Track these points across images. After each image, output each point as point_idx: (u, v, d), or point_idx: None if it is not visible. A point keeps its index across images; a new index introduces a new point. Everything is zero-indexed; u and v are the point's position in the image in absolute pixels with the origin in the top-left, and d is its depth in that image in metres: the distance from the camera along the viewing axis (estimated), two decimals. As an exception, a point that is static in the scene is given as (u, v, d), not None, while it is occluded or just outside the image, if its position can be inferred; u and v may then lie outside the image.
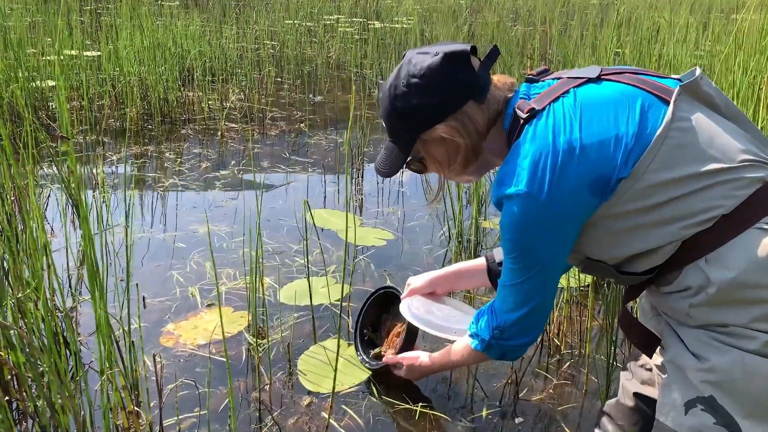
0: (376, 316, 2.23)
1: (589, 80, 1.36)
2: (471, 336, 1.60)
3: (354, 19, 11.32)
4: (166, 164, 4.14)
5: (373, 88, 6.33)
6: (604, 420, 1.74)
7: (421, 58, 1.39)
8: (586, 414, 2.01)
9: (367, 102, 5.86)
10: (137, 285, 2.35)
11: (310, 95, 6.21)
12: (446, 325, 1.88)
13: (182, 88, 5.82)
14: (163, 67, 5.28)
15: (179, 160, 4.23)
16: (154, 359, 1.65)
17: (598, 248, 1.36)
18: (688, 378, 1.25)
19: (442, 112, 1.39)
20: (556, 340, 2.35)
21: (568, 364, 2.24)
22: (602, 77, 1.36)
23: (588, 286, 2.53)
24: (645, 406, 1.60)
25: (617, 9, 7.07)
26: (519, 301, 1.42)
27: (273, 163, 4.24)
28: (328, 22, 10.51)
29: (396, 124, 1.44)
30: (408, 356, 1.96)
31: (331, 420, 1.88)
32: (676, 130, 1.23)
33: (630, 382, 1.65)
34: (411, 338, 2.03)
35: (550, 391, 2.10)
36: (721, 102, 1.30)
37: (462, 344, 1.71)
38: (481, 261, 1.95)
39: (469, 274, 1.99)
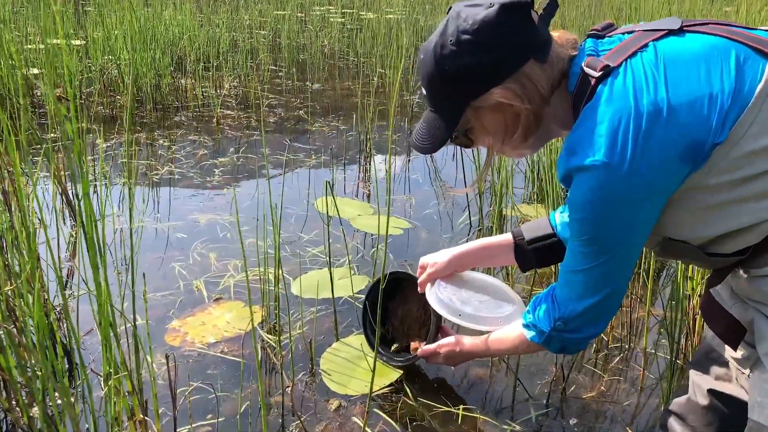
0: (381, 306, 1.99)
1: (670, 32, 1.15)
2: (527, 326, 1.40)
3: (345, 10, 11.10)
4: (160, 152, 3.90)
5: (372, 75, 6.12)
6: (672, 420, 1.57)
7: (473, 11, 1.18)
8: (645, 412, 1.81)
9: (366, 89, 5.64)
10: (134, 279, 2.12)
11: (308, 83, 5.98)
12: (485, 315, 1.67)
13: (174, 75, 5.58)
14: (154, 53, 5.03)
15: (173, 147, 3.99)
16: (167, 360, 1.43)
17: (682, 227, 1.16)
18: None
19: (499, 73, 1.18)
20: (602, 334, 2.14)
21: (617, 359, 2.04)
22: (684, 29, 1.16)
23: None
24: (721, 404, 1.44)
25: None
26: (588, 289, 1.23)
27: (273, 150, 4.01)
28: (318, 13, 10.28)
29: (442, 89, 1.23)
30: (445, 343, 1.74)
31: (366, 427, 1.66)
32: None
33: (702, 378, 1.47)
34: (439, 323, 1.82)
35: (601, 388, 1.90)
36: None
37: (514, 332, 1.50)
38: (507, 237, 1.71)
39: (493, 252, 1.74)
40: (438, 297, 1.71)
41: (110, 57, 5.19)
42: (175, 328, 2.09)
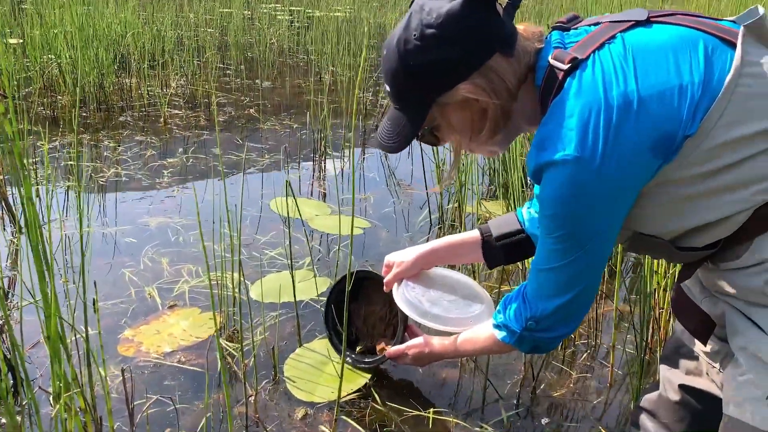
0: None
1: (637, 23, 1.13)
2: (497, 327, 1.36)
3: (292, 8, 10.97)
4: (105, 153, 3.75)
5: (323, 73, 6.04)
6: (643, 417, 1.55)
7: (437, 4, 1.13)
8: (615, 409, 1.79)
9: (318, 87, 5.55)
10: (85, 287, 2.01)
11: (257, 81, 5.85)
12: (455, 316, 1.61)
13: (119, 74, 5.39)
14: (96, 51, 4.85)
15: (119, 148, 3.84)
16: (122, 373, 1.33)
17: (653, 221, 1.14)
18: None
19: (465, 67, 1.14)
20: (568, 330, 2.12)
21: (585, 355, 2.02)
22: (651, 20, 1.14)
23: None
24: (693, 399, 1.43)
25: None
26: (560, 287, 1.19)
27: (225, 149, 3.90)
28: (265, 11, 10.13)
29: (406, 86, 1.18)
30: (414, 344, 1.68)
31: (334, 435, 1.59)
32: (747, 76, 1.02)
33: (673, 373, 1.46)
34: (406, 323, 1.76)
35: (571, 386, 1.88)
36: None
37: (484, 333, 1.45)
38: (474, 234, 1.66)
39: (460, 249, 1.69)
40: (406, 298, 1.65)
41: (50, 56, 4.98)
42: (128, 337, 1.98)
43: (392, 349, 1.72)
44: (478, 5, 1.12)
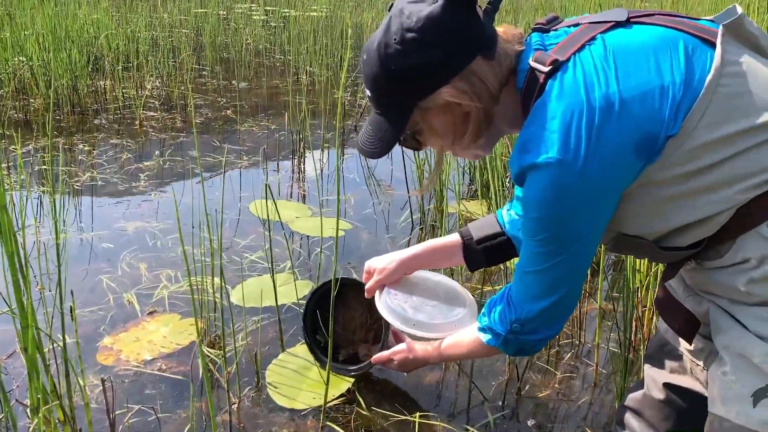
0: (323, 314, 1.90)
1: (617, 24, 1.13)
2: (483, 330, 1.35)
3: (267, 8, 10.90)
4: (80, 157, 3.69)
5: (300, 73, 6.00)
6: (628, 416, 1.55)
7: (417, 7, 1.11)
8: (601, 409, 1.79)
9: (296, 87, 5.52)
10: (62, 295, 1.96)
11: (233, 81, 5.80)
12: (439, 322, 1.60)
13: (93, 76, 5.32)
14: (69, 53, 4.77)
15: (94, 152, 3.78)
16: (103, 383, 1.30)
17: (636, 222, 1.14)
18: (754, 364, 1.05)
19: (446, 71, 1.12)
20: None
21: (569, 355, 2.01)
22: (631, 20, 1.13)
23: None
24: (677, 397, 1.43)
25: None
26: (544, 289, 1.18)
27: (202, 151, 3.85)
28: (240, 11, 10.06)
29: (388, 91, 1.16)
30: (398, 350, 1.68)
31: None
32: (727, 76, 1.02)
33: (657, 372, 1.47)
34: (389, 327, 1.74)
35: (556, 386, 1.87)
36: (766, 44, 1.11)
37: (469, 337, 1.44)
38: (454, 238, 1.66)
39: (442, 254, 1.68)
40: (389, 306, 1.63)
41: (22, 58, 4.89)
42: (107, 346, 1.94)
43: (377, 356, 1.71)
44: (458, 8, 1.11)
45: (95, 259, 2.48)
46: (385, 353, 1.69)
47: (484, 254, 1.62)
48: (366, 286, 1.71)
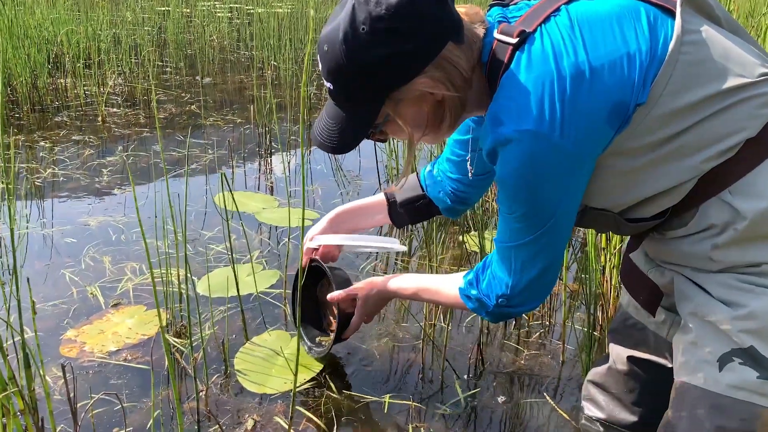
0: (312, 302, 1.90)
1: None
2: (467, 297, 1.32)
3: (232, 5, 10.81)
4: (41, 154, 3.61)
5: (266, 69, 5.95)
6: (594, 390, 1.58)
7: None
8: (568, 384, 1.81)
9: (261, 82, 5.47)
10: (18, 285, 1.92)
11: (197, 77, 5.74)
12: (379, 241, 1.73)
13: (53, 74, 5.22)
14: (28, 50, 4.67)
15: (56, 148, 3.71)
16: (63, 371, 1.27)
17: (604, 194, 1.15)
18: (719, 329, 1.06)
19: (420, 60, 1.08)
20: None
21: (537, 334, 2.03)
22: None
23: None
24: (641, 370, 1.46)
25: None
26: (527, 263, 1.18)
27: (166, 146, 3.80)
28: (204, 8, 9.94)
29: (356, 83, 1.10)
30: (358, 287, 1.67)
31: (290, 428, 1.55)
32: (689, 44, 1.04)
33: (621, 346, 1.48)
34: (345, 283, 1.71)
35: (524, 363, 1.88)
36: (721, 14, 1.13)
37: (449, 289, 1.40)
38: (380, 198, 1.71)
39: (369, 211, 1.74)
40: (324, 242, 1.72)
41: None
42: (70, 338, 1.91)
43: (333, 294, 1.66)
44: None
45: (57, 254, 2.44)
46: (341, 291, 1.66)
47: (407, 215, 1.68)
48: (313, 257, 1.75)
